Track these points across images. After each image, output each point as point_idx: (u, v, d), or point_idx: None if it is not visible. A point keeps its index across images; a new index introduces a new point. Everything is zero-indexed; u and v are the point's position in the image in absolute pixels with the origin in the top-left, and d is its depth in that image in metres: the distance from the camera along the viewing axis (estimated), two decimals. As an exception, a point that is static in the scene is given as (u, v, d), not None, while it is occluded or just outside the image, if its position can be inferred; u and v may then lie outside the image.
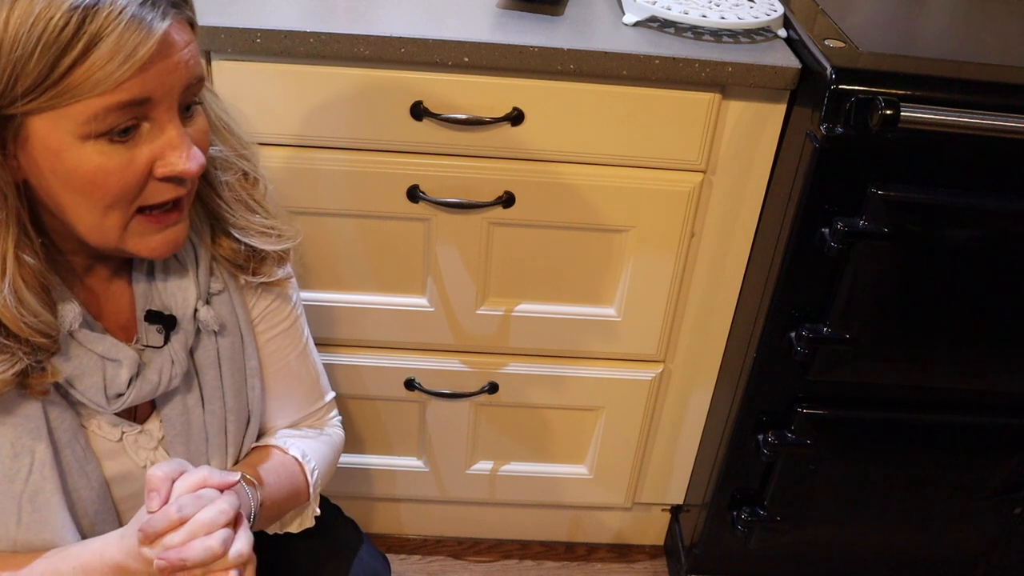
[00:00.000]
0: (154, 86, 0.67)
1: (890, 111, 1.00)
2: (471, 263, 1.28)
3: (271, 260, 0.90)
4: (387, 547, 1.63)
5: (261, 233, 0.87)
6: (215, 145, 0.83)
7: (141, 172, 0.70)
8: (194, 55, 0.71)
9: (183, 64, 0.69)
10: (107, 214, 0.71)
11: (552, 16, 1.18)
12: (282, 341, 0.96)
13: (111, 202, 0.70)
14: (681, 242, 1.27)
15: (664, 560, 1.66)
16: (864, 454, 1.33)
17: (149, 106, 0.68)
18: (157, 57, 0.66)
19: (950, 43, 1.26)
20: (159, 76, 0.67)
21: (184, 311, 0.85)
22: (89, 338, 0.78)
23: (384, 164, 1.19)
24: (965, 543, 1.45)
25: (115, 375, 0.80)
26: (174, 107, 0.70)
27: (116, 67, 0.64)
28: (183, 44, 0.69)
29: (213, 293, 0.87)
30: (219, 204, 0.85)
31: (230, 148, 0.84)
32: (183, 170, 0.71)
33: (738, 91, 1.16)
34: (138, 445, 0.87)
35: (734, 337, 1.35)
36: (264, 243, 0.88)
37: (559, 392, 1.41)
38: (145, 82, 0.66)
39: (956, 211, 1.10)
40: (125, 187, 0.70)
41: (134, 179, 0.70)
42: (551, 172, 1.20)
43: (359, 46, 1.09)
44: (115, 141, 0.68)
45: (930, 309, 1.18)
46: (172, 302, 0.84)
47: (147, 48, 0.65)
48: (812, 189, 1.10)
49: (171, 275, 0.84)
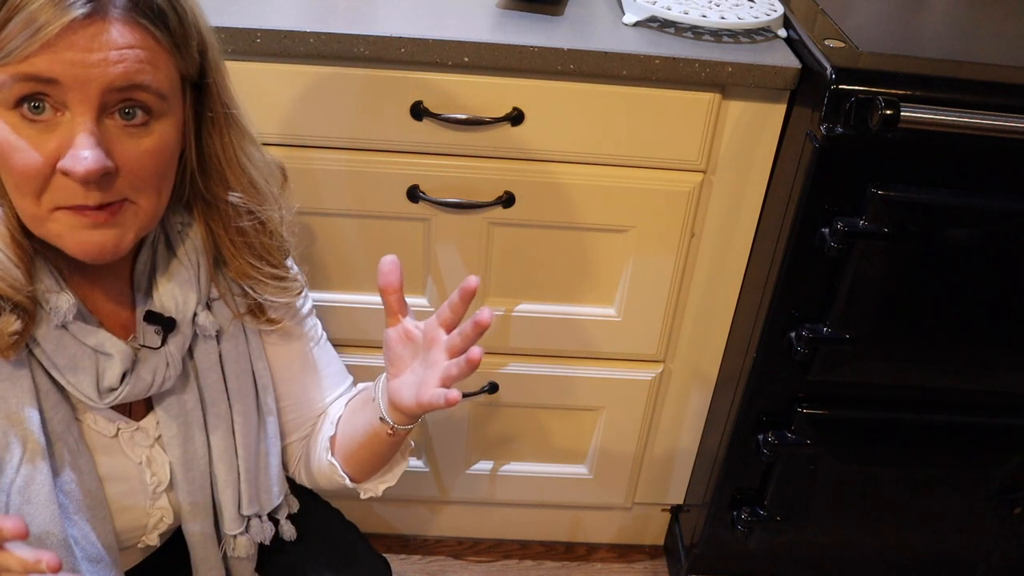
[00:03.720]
0: (62, 70, 0.66)
1: (890, 111, 1.00)
2: (471, 263, 1.28)
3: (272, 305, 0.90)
4: (387, 547, 1.63)
5: (261, 281, 0.87)
6: (232, 190, 0.82)
7: (43, 159, 0.68)
8: (138, 61, 0.68)
9: (109, 62, 0.67)
10: (21, 197, 0.71)
11: (552, 16, 1.18)
12: (296, 343, 0.97)
13: (18, 182, 0.70)
14: (681, 242, 1.27)
15: (664, 560, 1.66)
16: (864, 454, 1.33)
17: (59, 89, 0.67)
18: (72, 43, 0.66)
19: (950, 43, 1.26)
20: (72, 64, 0.66)
21: (184, 315, 0.84)
22: (82, 331, 0.78)
23: (384, 164, 1.19)
24: (965, 543, 1.45)
25: (107, 369, 0.79)
26: (90, 103, 0.68)
27: (22, 40, 0.65)
28: (120, 44, 0.67)
29: (214, 299, 0.87)
30: (226, 245, 0.85)
31: (244, 192, 0.83)
32: (68, 167, 0.68)
33: (738, 91, 1.16)
34: (133, 442, 0.86)
35: (734, 337, 1.35)
36: (264, 291, 0.87)
37: (559, 392, 1.41)
38: (53, 63, 0.66)
39: (956, 211, 1.10)
40: (27, 171, 0.69)
41: (35, 165, 0.68)
42: (551, 172, 1.20)
43: (359, 46, 1.09)
44: (26, 117, 0.68)
45: (930, 309, 1.18)
46: (172, 305, 0.84)
47: (54, 27, 0.65)
48: (812, 189, 1.10)
49: (173, 278, 0.84)
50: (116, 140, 0.70)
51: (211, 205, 0.83)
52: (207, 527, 0.92)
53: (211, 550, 0.93)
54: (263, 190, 0.85)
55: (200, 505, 0.91)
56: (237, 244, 0.85)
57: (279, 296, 0.88)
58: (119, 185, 0.71)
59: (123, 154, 0.71)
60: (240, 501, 0.93)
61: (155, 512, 0.90)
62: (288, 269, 0.90)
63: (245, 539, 0.95)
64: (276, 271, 0.88)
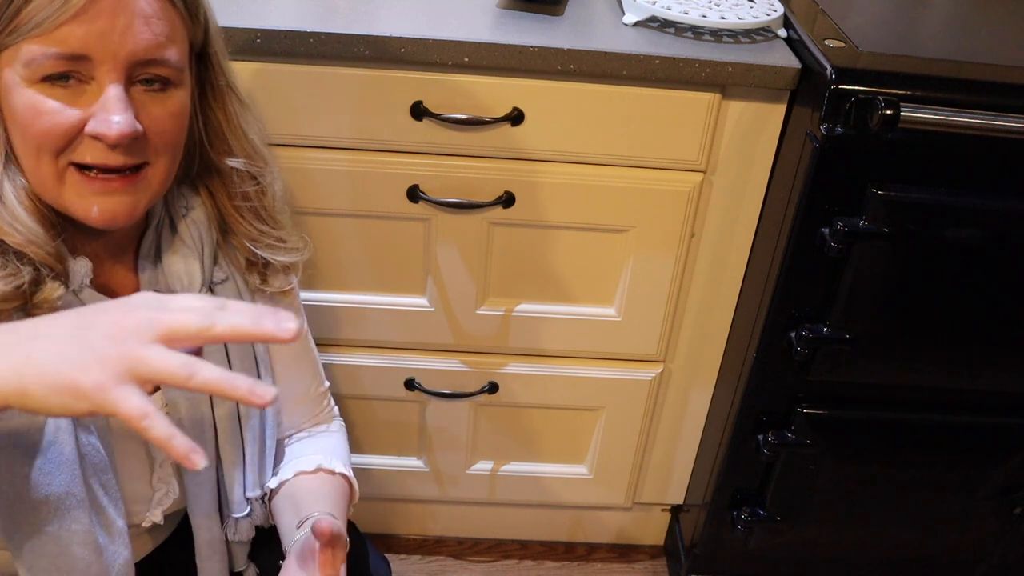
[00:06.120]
0: (94, 42, 0.68)
1: (890, 111, 1.00)
2: (471, 263, 1.28)
3: (277, 269, 0.92)
4: (387, 547, 1.63)
5: (269, 246, 0.89)
6: (235, 156, 0.84)
7: (72, 122, 0.70)
8: (161, 30, 0.71)
9: (135, 31, 0.70)
10: (40, 158, 0.72)
11: (552, 16, 1.18)
12: None
13: (39, 143, 0.71)
14: (681, 242, 1.27)
15: (664, 560, 1.66)
16: (864, 454, 1.33)
17: (89, 65, 0.69)
18: (100, 11, 0.68)
19: (950, 43, 1.26)
20: (101, 34, 0.68)
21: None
22: (93, 298, 0.79)
23: (384, 164, 1.19)
24: (965, 543, 1.45)
25: None
26: (118, 71, 0.70)
27: (53, 10, 0.67)
28: (146, 12, 0.70)
29: (217, 282, 0.88)
30: (230, 213, 0.87)
31: (247, 158, 0.86)
32: (101, 131, 0.70)
33: (738, 91, 1.16)
34: None
35: (734, 337, 1.35)
36: (272, 255, 0.89)
37: (559, 392, 1.41)
38: (86, 37, 0.68)
39: (956, 211, 1.10)
40: (53, 131, 0.70)
41: (63, 126, 0.70)
42: (551, 172, 1.20)
43: (359, 46, 1.09)
44: (55, 84, 0.70)
45: (930, 309, 1.18)
46: (177, 286, 0.85)
47: None
48: (812, 189, 1.10)
49: (177, 259, 0.85)
50: (141, 104, 0.73)
51: (216, 174, 0.86)
52: (211, 509, 0.93)
53: (216, 533, 0.94)
54: (263, 153, 0.87)
55: (205, 485, 0.91)
56: (243, 211, 0.87)
57: (286, 256, 0.91)
58: (143, 148, 0.74)
59: (149, 116, 0.73)
60: (245, 482, 0.94)
61: (159, 486, 0.90)
62: (290, 232, 0.92)
63: (247, 522, 0.96)
64: (279, 233, 0.90)
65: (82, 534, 0.80)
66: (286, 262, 0.91)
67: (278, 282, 0.93)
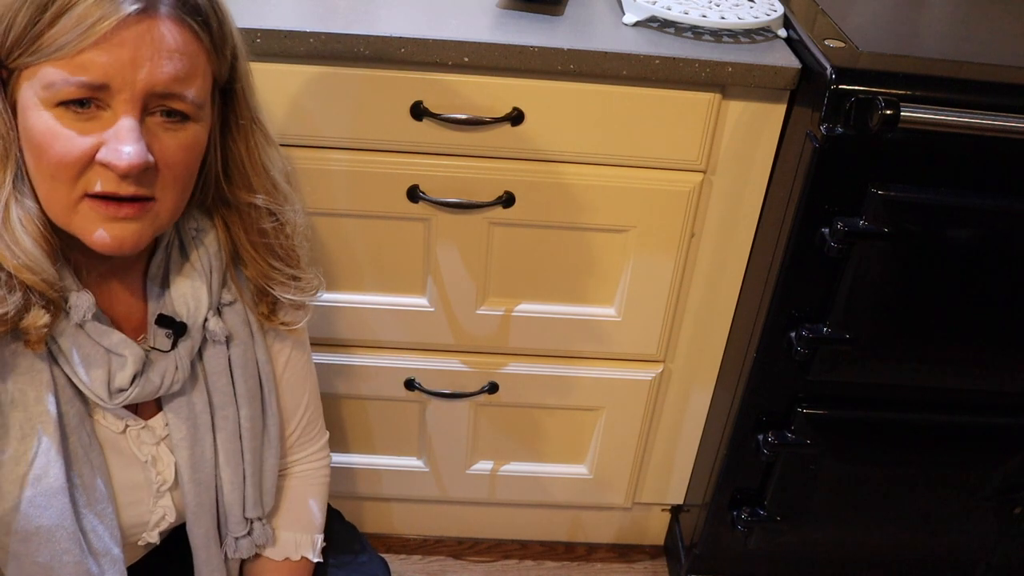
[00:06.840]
0: (114, 72, 0.68)
1: (890, 111, 1.00)
2: (471, 263, 1.28)
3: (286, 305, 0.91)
4: (387, 547, 1.63)
5: (281, 283, 0.89)
6: (255, 192, 0.83)
7: (83, 149, 0.70)
8: (182, 65, 0.71)
9: (156, 64, 0.69)
10: (54, 185, 0.72)
11: (552, 16, 1.18)
12: (294, 352, 0.98)
13: (54, 172, 0.71)
14: (681, 242, 1.27)
15: (664, 560, 1.66)
16: (864, 454, 1.33)
17: (107, 93, 0.69)
18: (124, 40, 0.68)
19: (950, 43, 1.26)
20: (123, 64, 0.68)
21: (195, 319, 0.85)
22: (97, 330, 0.79)
23: (384, 164, 1.19)
24: (965, 543, 1.45)
25: (119, 370, 0.80)
26: (135, 102, 0.70)
27: (76, 35, 0.67)
28: (170, 46, 0.70)
29: (225, 304, 0.88)
30: (245, 247, 0.86)
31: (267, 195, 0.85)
32: (111, 161, 0.70)
33: (738, 91, 1.16)
34: (140, 440, 0.87)
35: (734, 337, 1.35)
36: (283, 292, 0.89)
37: (559, 392, 1.41)
38: (107, 66, 0.68)
39: (956, 211, 1.10)
40: (67, 158, 0.70)
41: (75, 153, 0.70)
42: (551, 172, 1.20)
43: (359, 46, 1.09)
44: (71, 109, 0.70)
45: (930, 309, 1.18)
46: (184, 309, 0.85)
47: (108, 23, 0.67)
48: (812, 189, 1.10)
49: (185, 282, 0.85)
50: (154, 135, 0.73)
51: (233, 208, 0.85)
52: (211, 528, 0.93)
53: (214, 551, 0.94)
54: (284, 191, 0.87)
55: (205, 507, 0.91)
56: (258, 246, 0.86)
57: (297, 296, 0.90)
58: (152, 180, 0.74)
59: (160, 146, 0.73)
60: (245, 504, 0.93)
61: (158, 510, 0.90)
62: (305, 270, 0.91)
63: (247, 541, 0.96)
64: (294, 271, 0.90)
65: (72, 565, 0.81)
66: (296, 302, 0.91)
67: (288, 317, 0.92)
